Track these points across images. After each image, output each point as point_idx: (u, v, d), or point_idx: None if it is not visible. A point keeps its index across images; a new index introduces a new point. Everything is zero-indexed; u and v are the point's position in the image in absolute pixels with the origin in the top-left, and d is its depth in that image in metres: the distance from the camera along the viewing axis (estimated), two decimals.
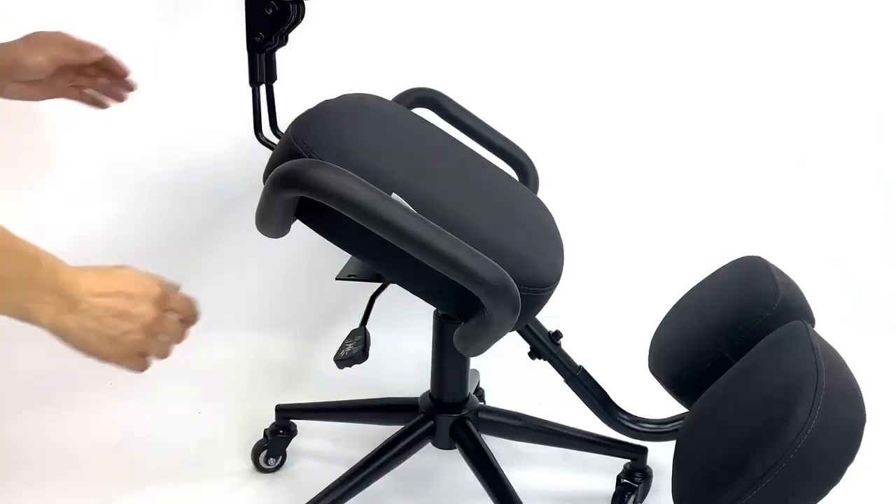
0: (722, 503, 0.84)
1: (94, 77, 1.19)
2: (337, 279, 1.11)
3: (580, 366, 1.23)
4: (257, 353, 1.70)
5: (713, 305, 1.18)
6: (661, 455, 1.42)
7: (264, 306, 1.86)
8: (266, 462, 1.38)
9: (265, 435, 1.39)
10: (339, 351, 1.09)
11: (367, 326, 1.14)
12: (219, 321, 1.85)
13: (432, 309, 1.20)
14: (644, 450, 1.33)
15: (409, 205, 0.90)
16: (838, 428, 0.85)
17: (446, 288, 0.94)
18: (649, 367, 1.21)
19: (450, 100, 1.31)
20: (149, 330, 0.82)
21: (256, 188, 0.94)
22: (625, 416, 1.24)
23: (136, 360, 0.84)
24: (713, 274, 1.26)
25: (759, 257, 1.23)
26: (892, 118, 1.91)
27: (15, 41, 1.10)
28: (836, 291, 1.83)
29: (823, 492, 0.84)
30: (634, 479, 1.32)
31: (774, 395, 0.90)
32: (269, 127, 1.18)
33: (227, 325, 1.76)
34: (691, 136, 1.90)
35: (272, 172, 0.90)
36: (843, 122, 1.92)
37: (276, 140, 1.15)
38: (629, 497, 1.31)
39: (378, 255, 0.97)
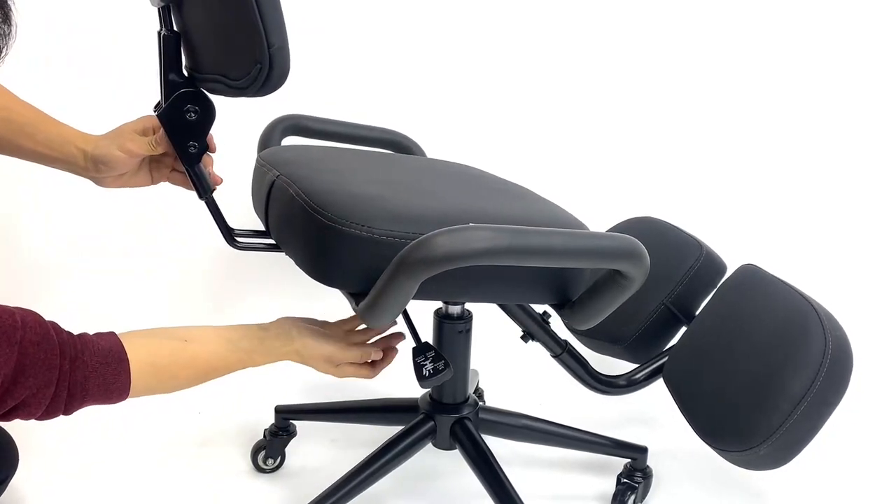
0: (772, 425, 0.95)
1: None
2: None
3: (565, 341, 1.23)
4: None
5: None
6: (660, 455, 1.42)
7: (263, 305, 1.86)
8: (265, 462, 1.38)
9: (264, 435, 1.39)
10: (418, 373, 1.02)
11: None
12: (218, 321, 1.86)
13: (432, 309, 1.20)
14: (644, 449, 1.33)
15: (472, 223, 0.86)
16: (840, 341, 0.99)
17: (548, 283, 0.99)
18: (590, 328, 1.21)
19: (312, 117, 1.28)
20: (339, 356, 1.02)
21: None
22: (613, 378, 1.25)
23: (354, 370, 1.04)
24: None
25: (648, 216, 1.29)
26: (894, 118, 1.92)
27: (102, 135, 1.04)
28: (834, 291, 1.84)
29: (839, 399, 0.98)
30: (634, 479, 1.32)
31: (781, 329, 1.02)
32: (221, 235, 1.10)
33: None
34: (688, 138, 1.91)
35: (404, 259, 0.82)
36: (845, 123, 1.92)
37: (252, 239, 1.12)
38: (629, 497, 1.31)
39: (486, 289, 0.97)
